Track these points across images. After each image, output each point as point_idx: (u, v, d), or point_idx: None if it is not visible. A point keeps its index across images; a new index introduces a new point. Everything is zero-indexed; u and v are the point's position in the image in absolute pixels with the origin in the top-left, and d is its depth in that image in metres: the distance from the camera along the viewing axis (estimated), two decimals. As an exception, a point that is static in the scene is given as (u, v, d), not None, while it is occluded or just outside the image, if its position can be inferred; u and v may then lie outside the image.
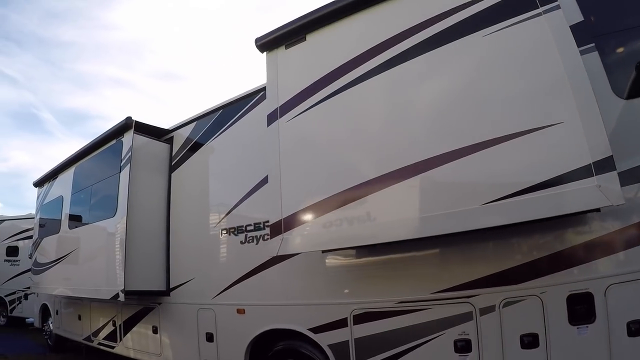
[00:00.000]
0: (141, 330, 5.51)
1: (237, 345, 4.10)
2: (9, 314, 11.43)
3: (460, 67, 2.73)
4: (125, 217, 4.90)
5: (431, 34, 2.81)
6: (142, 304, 5.44)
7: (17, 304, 11.20)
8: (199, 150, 5.04)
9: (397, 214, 2.80)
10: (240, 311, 4.13)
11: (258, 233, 4.13)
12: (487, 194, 2.45)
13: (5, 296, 11.40)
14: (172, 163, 5.38)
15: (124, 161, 5.18)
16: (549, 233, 2.73)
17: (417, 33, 2.87)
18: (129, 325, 5.70)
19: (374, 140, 3.01)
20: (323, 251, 3.40)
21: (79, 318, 6.95)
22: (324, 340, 3.46)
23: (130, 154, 5.09)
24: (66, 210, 6.67)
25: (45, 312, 8.56)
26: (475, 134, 2.53)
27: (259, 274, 4.03)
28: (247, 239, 4.24)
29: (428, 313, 3.02)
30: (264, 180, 3.94)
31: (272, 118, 3.52)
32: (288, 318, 3.77)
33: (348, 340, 3.32)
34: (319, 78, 3.28)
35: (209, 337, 4.46)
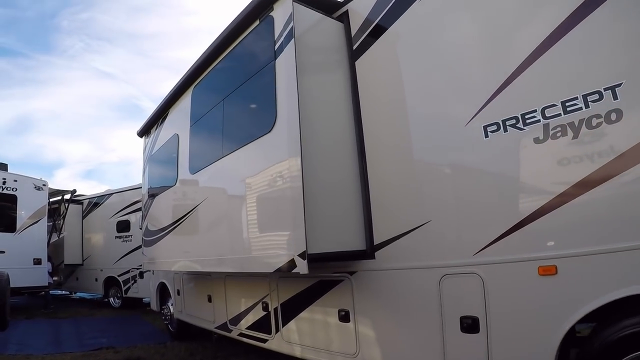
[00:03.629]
0: (316, 316, 3.53)
1: (537, 337, 2.23)
2: (124, 295, 10.50)
3: None
4: (297, 126, 2.85)
5: None
6: (317, 276, 3.43)
7: (132, 284, 10.22)
8: (405, 14, 2.93)
9: None
10: (548, 270, 2.22)
11: (575, 116, 2.12)
12: None
13: (119, 276, 10.51)
14: (354, 47, 3.30)
15: (280, 42, 3.13)
16: None
17: None
18: (291, 309, 3.76)
19: None
20: None
21: (209, 299, 5.21)
22: None
23: (292, 25, 3.02)
24: (184, 150, 4.82)
25: (163, 291, 7.08)
26: None
27: (584, 195, 2.10)
28: (550, 133, 2.15)
29: None
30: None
31: None
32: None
33: None
34: None
35: (470, 326, 2.47)
